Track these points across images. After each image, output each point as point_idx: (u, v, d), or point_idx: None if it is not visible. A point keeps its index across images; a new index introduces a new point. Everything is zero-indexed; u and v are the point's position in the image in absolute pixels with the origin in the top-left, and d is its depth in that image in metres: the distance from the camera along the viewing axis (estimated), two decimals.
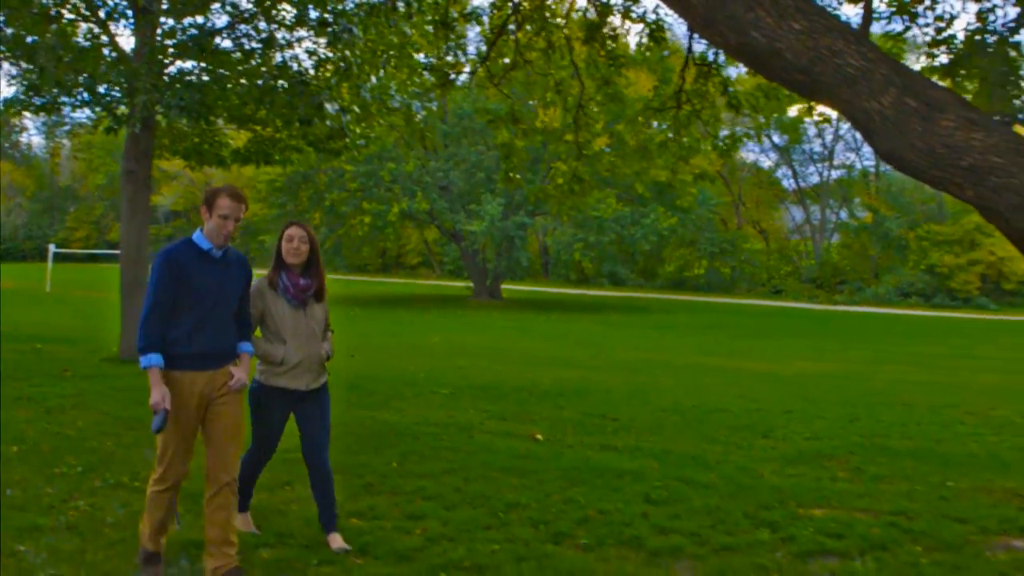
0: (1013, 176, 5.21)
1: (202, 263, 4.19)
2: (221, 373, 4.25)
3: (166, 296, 4.10)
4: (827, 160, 47.79)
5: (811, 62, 5.41)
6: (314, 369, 4.66)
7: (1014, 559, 4.63)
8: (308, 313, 4.64)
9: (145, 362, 4.03)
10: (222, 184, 4.36)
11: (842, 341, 23.47)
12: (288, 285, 4.58)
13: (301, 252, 4.59)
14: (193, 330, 4.14)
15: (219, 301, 4.23)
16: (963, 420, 10.23)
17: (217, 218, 4.16)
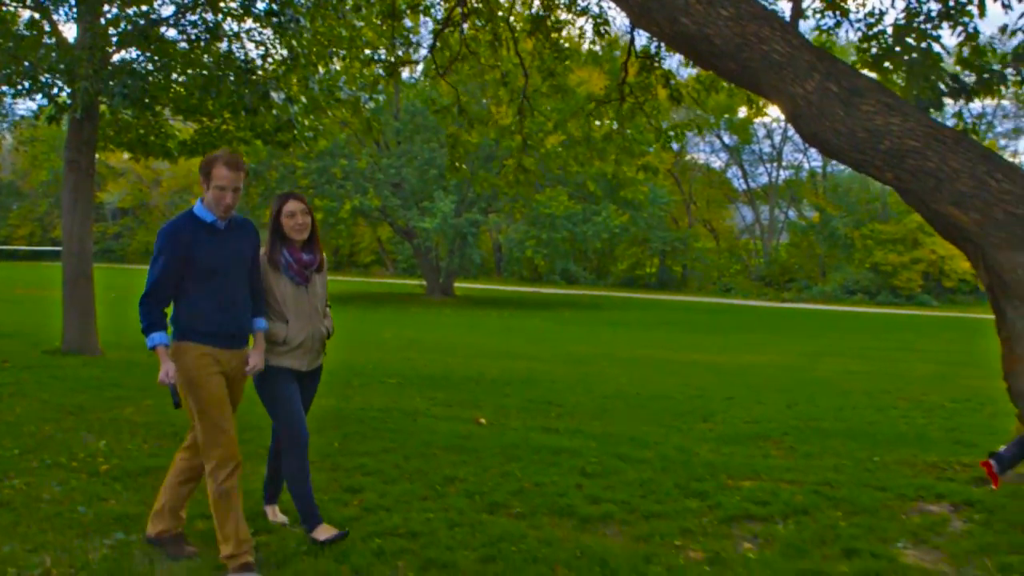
0: (928, 159, 5.45)
1: (208, 237, 3.95)
2: (236, 355, 4.06)
3: (169, 275, 3.88)
4: (776, 161, 48.66)
5: (738, 48, 5.60)
6: (316, 348, 4.47)
7: (926, 520, 4.85)
8: (310, 290, 4.44)
9: (150, 343, 3.84)
10: (217, 152, 4.12)
11: (788, 336, 23.94)
12: (291, 262, 4.35)
13: (304, 227, 4.35)
14: (212, 310, 3.93)
15: (229, 276, 4.00)
16: (896, 405, 10.57)
17: (215, 189, 3.90)
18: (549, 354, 16.73)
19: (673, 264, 45.66)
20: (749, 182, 50.01)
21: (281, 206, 4.38)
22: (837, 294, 40.49)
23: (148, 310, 3.88)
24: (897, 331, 26.28)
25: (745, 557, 4.19)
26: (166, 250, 3.88)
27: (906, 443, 7.62)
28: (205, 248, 3.92)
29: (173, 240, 3.88)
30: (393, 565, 3.97)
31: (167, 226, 3.95)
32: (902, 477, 5.88)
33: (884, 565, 4.09)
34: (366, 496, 5.04)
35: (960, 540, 4.51)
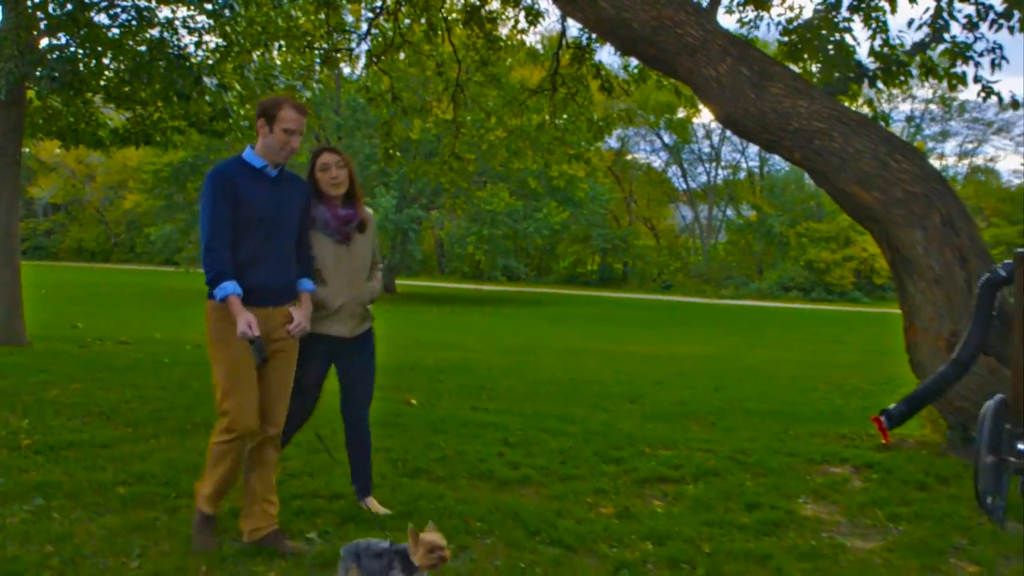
0: (833, 140, 5.74)
1: (257, 183, 3.66)
2: (279, 312, 3.71)
3: (224, 217, 3.57)
4: (715, 160, 49.55)
5: (655, 32, 5.82)
6: (358, 313, 4.16)
7: (828, 480, 5.11)
8: (351, 250, 4.11)
9: (221, 292, 3.52)
10: (280, 95, 3.84)
11: (724, 329, 24.46)
12: (328, 219, 4.03)
13: (341, 180, 4.06)
14: (249, 261, 3.62)
15: (277, 227, 3.70)
16: (817, 388, 10.97)
17: (281, 132, 3.62)
18: (487, 346, 16.87)
19: (614, 262, 46.19)
20: (688, 181, 50.84)
21: (315, 160, 4.12)
22: (773, 291, 41.41)
23: (216, 257, 3.55)
24: (828, 325, 27.01)
25: (653, 511, 4.38)
26: (214, 193, 3.58)
27: (822, 420, 7.94)
28: (253, 195, 3.63)
29: (220, 182, 3.59)
30: (312, 522, 4.06)
31: (213, 169, 3.68)
32: (812, 445, 6.15)
33: (782, 516, 4.32)
34: (290, 464, 5.11)
35: (856, 495, 4.77)
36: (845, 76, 6.67)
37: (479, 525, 4.03)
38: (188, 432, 6.03)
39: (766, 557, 3.64)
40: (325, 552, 3.64)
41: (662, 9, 5.76)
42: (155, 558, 3.56)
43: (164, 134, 13.30)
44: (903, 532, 4.13)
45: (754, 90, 5.72)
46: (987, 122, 53.06)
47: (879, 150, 5.70)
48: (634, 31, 5.87)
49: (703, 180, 50.72)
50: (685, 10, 5.80)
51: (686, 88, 7.23)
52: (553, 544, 3.80)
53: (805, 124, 5.71)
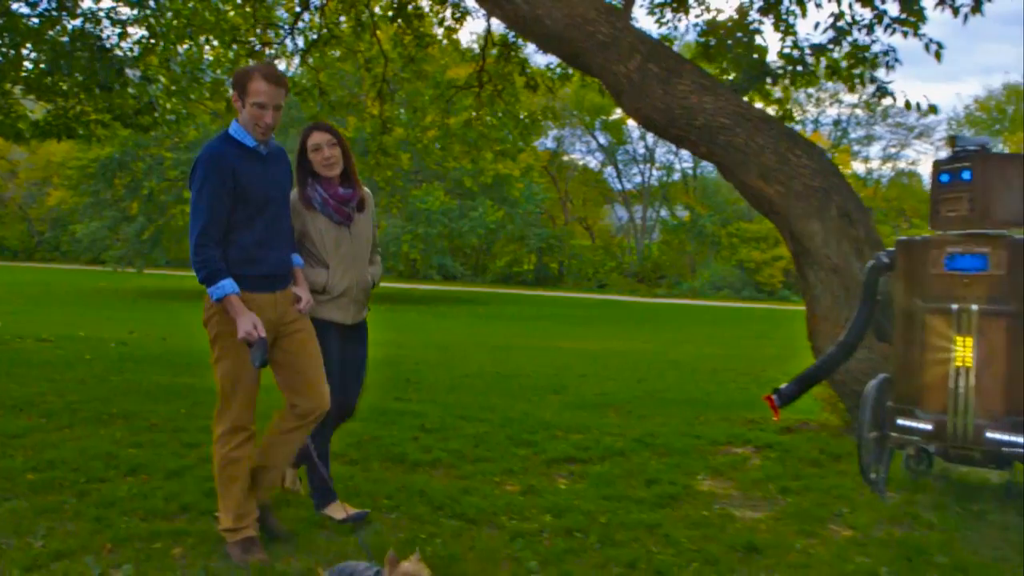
0: (737, 135, 5.98)
1: (254, 164, 3.42)
2: (286, 295, 3.55)
3: (221, 210, 3.31)
4: (649, 162, 50.24)
5: (567, 29, 6.00)
6: (360, 299, 4.01)
7: (729, 459, 5.35)
8: (352, 231, 3.94)
9: (218, 292, 3.29)
10: (254, 64, 3.56)
11: (654, 327, 24.91)
12: (327, 198, 3.85)
13: (334, 160, 3.87)
14: (256, 246, 3.42)
15: (277, 208, 3.51)
16: (736, 380, 11.31)
17: (252, 107, 3.34)
18: (418, 342, 16.93)
19: (550, 261, 46.56)
20: (623, 182, 51.49)
21: (306, 139, 3.90)
22: (705, 290, 42.21)
23: (205, 255, 3.30)
24: (755, 323, 27.68)
25: (556, 488, 4.56)
26: (210, 179, 3.30)
27: (735, 407, 8.22)
28: (252, 177, 3.39)
29: (216, 167, 3.31)
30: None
31: (204, 152, 3.38)
32: (719, 429, 6.41)
33: (679, 490, 4.52)
34: (205, 450, 5.15)
35: (752, 472, 5.01)
36: (750, 75, 6.95)
37: (386, 502, 4.15)
38: (104, 422, 6.01)
39: (656, 526, 3.83)
40: None
41: (574, 7, 5.95)
42: (60, 537, 3.59)
43: (87, 127, 13.07)
44: (789, 503, 4.37)
45: (662, 86, 5.94)
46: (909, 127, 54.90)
47: (780, 145, 5.97)
48: (547, 28, 6.05)
49: (638, 181, 51.45)
50: (596, 8, 5.99)
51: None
52: (456, 518, 3.94)
53: (710, 120, 5.94)
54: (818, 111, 51.20)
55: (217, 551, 3.49)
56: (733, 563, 3.43)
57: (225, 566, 3.33)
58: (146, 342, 13.61)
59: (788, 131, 6.13)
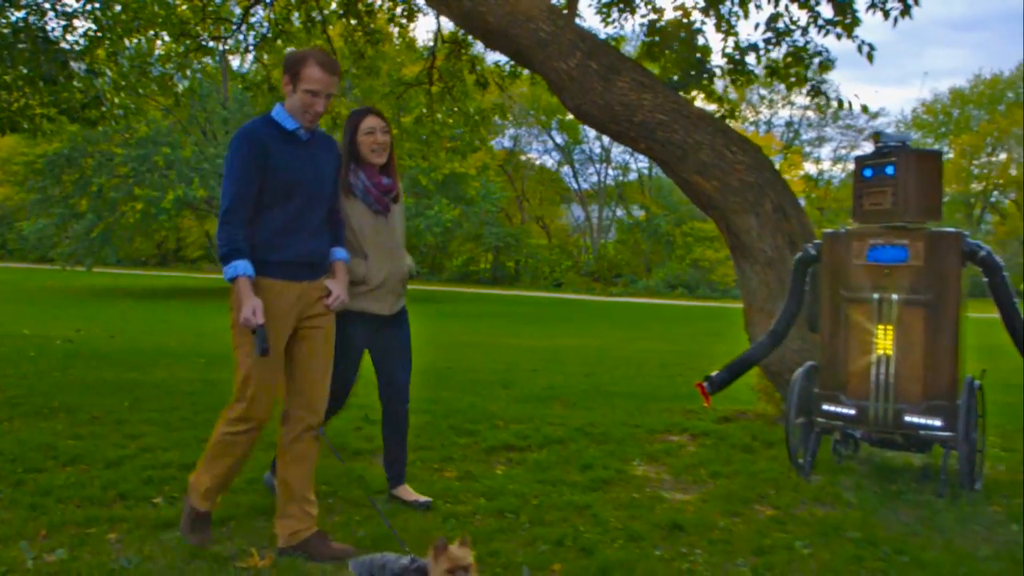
0: (675, 132, 6.13)
1: (290, 147, 3.35)
2: (315, 287, 3.44)
3: (249, 187, 3.26)
4: (605, 161, 50.63)
5: (509, 25, 6.10)
6: (397, 289, 3.94)
7: (665, 446, 5.49)
8: (389, 222, 3.88)
9: (230, 272, 3.23)
10: (308, 48, 3.50)
11: (608, 325, 25.17)
12: (369, 186, 3.78)
13: (385, 147, 3.81)
14: (283, 231, 3.33)
15: (312, 195, 3.41)
16: (683, 374, 11.49)
17: (303, 93, 3.28)
18: None
19: (506, 260, 46.70)
20: (580, 181, 51.82)
21: (358, 122, 3.82)
22: (660, 288, 42.66)
23: (229, 232, 3.24)
24: (708, 320, 28.07)
25: (493, 474, 4.66)
26: (242, 156, 3.27)
27: (678, 399, 8.38)
28: (285, 159, 3.33)
29: (249, 145, 3.28)
30: (160, 489, 4.16)
31: (241, 130, 3.35)
32: (658, 418, 6.56)
33: (613, 475, 4.65)
34: (146, 441, 5.17)
35: (686, 458, 5.16)
36: (687, 73, 7.13)
37: (323, 488, 4.21)
38: (45, 415, 5.98)
39: (586, 507, 3.95)
40: (169, 515, 3.75)
41: (516, 5, 6.05)
42: None
43: (32, 121, 12.89)
44: (718, 485, 4.52)
45: (602, 83, 6.06)
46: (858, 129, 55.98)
47: (716, 141, 6.13)
48: (490, 24, 6.14)
49: (594, 180, 51.82)
50: (538, 6, 6.10)
51: None
52: (391, 501, 4.02)
53: (649, 116, 6.09)
54: (771, 112, 52.05)
55: (153, 536, 3.52)
56: (657, 540, 3.56)
57: (160, 549, 3.37)
58: (93, 340, 13.45)
59: (724, 128, 6.30)
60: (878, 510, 4.05)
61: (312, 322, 3.43)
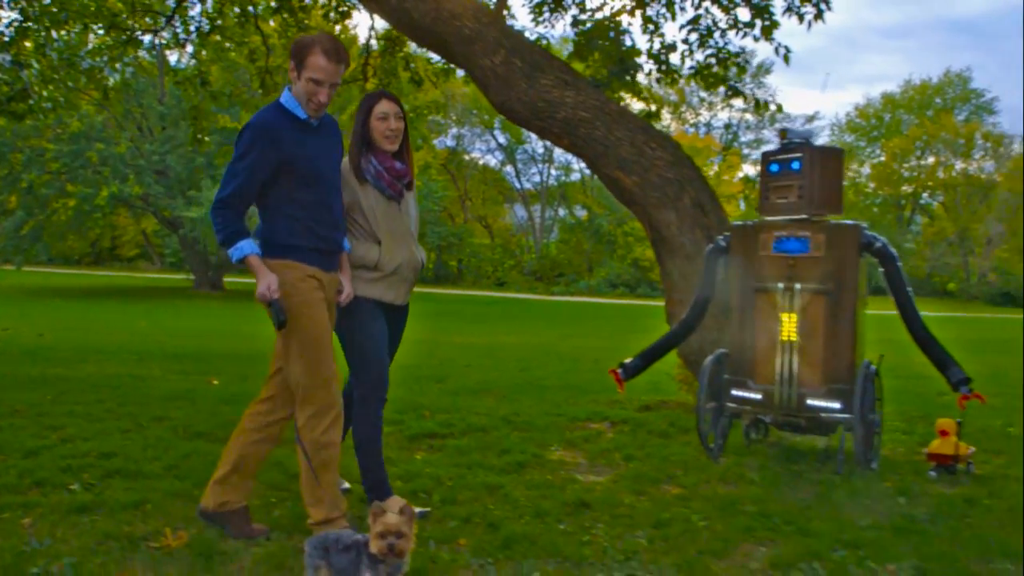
0: (597, 128, 6.31)
1: (304, 136, 3.30)
2: (335, 280, 3.46)
3: (256, 178, 3.21)
4: (548, 161, 50.95)
5: (434, 23, 6.21)
6: (410, 279, 3.83)
7: (585, 433, 5.67)
8: (402, 208, 3.79)
9: (237, 253, 3.20)
10: (317, 34, 3.36)
11: (548, 323, 25.40)
12: (381, 171, 3.68)
13: (398, 133, 3.72)
14: (316, 222, 3.32)
15: (328, 183, 3.38)
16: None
17: (307, 82, 3.23)
18: None
19: (449, 259, 46.75)
20: (523, 181, 52.09)
21: (372, 106, 3.71)
22: (601, 287, 43.13)
23: (226, 218, 3.21)
24: (647, 318, 28.46)
25: (413, 459, 4.77)
26: (256, 147, 3.20)
27: (607, 391, 8.57)
28: (302, 148, 3.28)
29: (265, 136, 3.21)
30: (78, 476, 4.18)
31: (255, 119, 3.27)
32: (583, 408, 6.73)
33: (529, 458, 4.80)
34: (67, 431, 5.16)
35: (603, 443, 5.34)
36: (609, 72, 7.32)
37: None
38: None
39: (499, 487, 4.09)
40: (85, 500, 3.78)
41: (441, 2, 6.17)
42: None
43: None
44: (630, 468, 4.69)
45: (526, 80, 6.21)
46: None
47: (636, 138, 6.33)
48: (416, 21, 6.25)
49: (537, 180, 52.14)
50: (463, 4, 6.23)
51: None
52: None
53: (571, 113, 6.25)
54: (711, 115, 52.96)
55: (67, 520, 3.55)
56: (562, 516, 3.71)
57: (73, 532, 3.40)
58: (21, 338, 13.20)
59: (643, 124, 6.50)
60: (777, 487, 4.26)
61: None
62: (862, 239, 4.85)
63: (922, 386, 8.28)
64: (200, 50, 11.28)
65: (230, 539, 3.36)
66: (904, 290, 4.83)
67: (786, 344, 4.88)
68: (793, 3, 7.25)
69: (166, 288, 35.94)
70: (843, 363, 4.82)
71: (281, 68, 10.53)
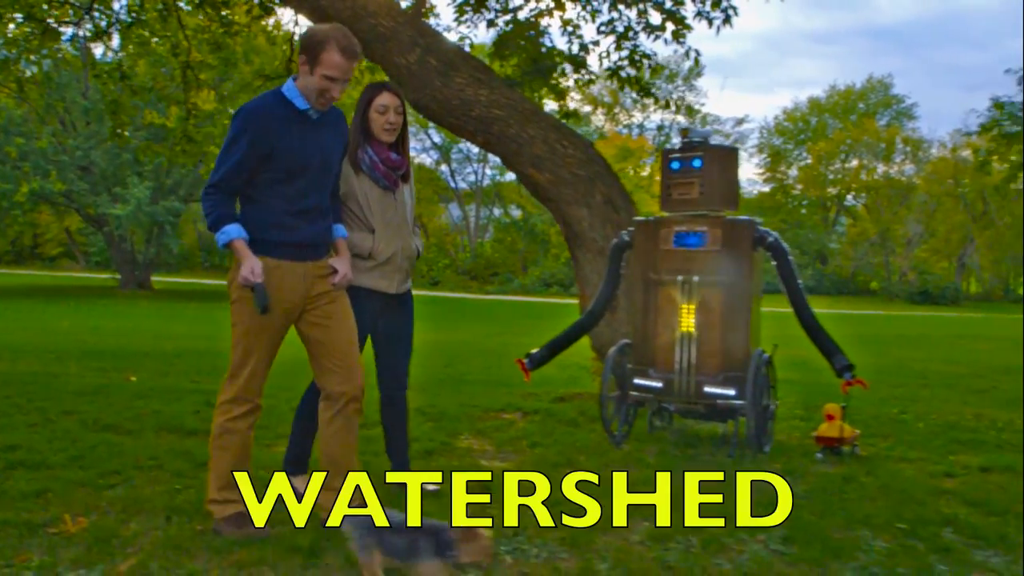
0: (510, 126, 6.46)
1: (298, 127, 3.26)
2: (319, 267, 3.40)
3: (246, 164, 3.19)
4: (483, 161, 51.12)
5: (350, 20, 6.29)
6: (404, 267, 3.88)
7: (496, 423, 5.83)
8: (397, 199, 3.84)
9: (224, 238, 3.20)
10: (331, 28, 3.27)
11: (480, 321, 25.56)
12: (376, 162, 3.74)
13: (396, 127, 3.78)
14: (291, 213, 3.28)
15: (318, 178, 3.34)
16: None
17: (321, 78, 3.19)
18: None
19: None
20: (458, 180, 52.17)
21: (373, 98, 3.74)
22: (535, 286, 43.48)
23: (215, 201, 3.20)
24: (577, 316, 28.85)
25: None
26: (247, 133, 3.17)
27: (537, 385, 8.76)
28: (293, 140, 3.24)
29: (256, 123, 3.18)
30: None
31: (249, 105, 3.24)
32: (498, 400, 6.88)
33: (437, 446, 4.93)
34: None
35: (512, 432, 5.50)
36: (526, 71, 7.49)
37: (150, 462, 4.32)
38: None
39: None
40: None
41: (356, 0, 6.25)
42: None
43: None
44: (534, 454, 4.86)
45: (440, 79, 6.34)
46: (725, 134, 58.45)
47: (549, 136, 6.50)
48: (331, 18, 6.31)
49: (472, 180, 52.29)
50: (378, 2, 6.32)
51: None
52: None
53: (485, 111, 6.40)
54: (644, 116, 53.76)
55: None
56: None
57: None
58: None
59: (556, 123, 6.68)
60: (671, 469, 4.46)
61: (323, 300, 3.40)
62: (755, 234, 5.09)
63: (829, 377, 8.64)
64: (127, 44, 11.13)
65: (131, 524, 3.41)
66: (795, 282, 5.08)
67: (685, 335, 5.10)
68: (703, 9, 7.51)
69: (91, 288, 35.06)
70: (738, 352, 5.05)
71: (204, 63, 10.47)
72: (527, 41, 8.32)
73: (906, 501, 3.90)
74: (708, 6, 7.39)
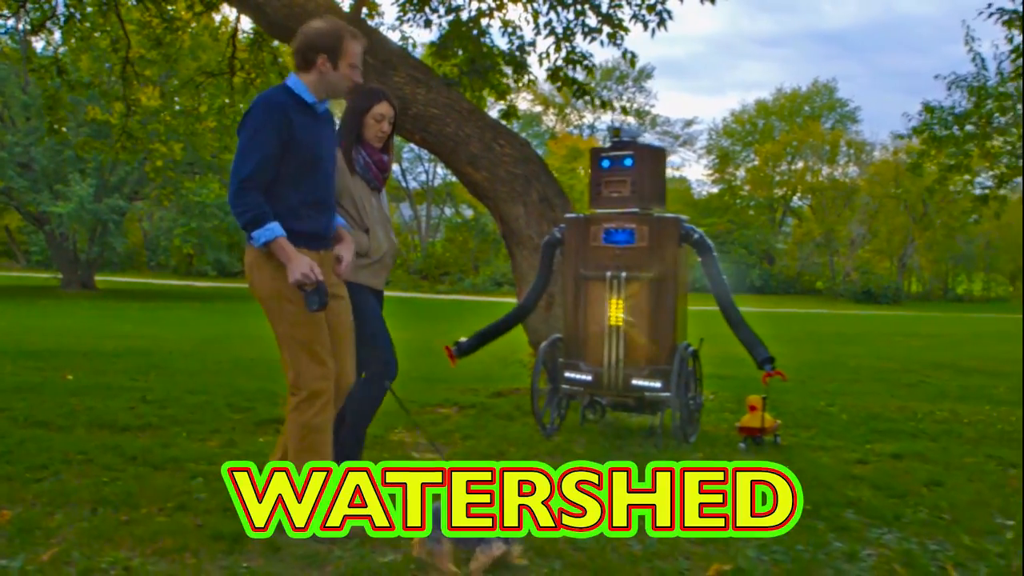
0: (447, 125, 6.55)
1: (310, 120, 3.31)
2: (327, 256, 3.42)
3: (272, 155, 3.17)
4: (434, 160, 51.08)
5: (286, 18, 6.33)
6: (390, 264, 3.99)
7: (432, 417, 5.94)
8: (381, 199, 3.94)
9: (265, 235, 3.12)
10: (333, 22, 3.37)
11: (430, 321, 25.54)
12: (370, 163, 3.82)
13: (386, 137, 3.88)
14: (304, 204, 3.28)
15: (326, 168, 3.41)
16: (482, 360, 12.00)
17: (348, 67, 3.31)
18: (181, 336, 16.52)
19: None
20: (409, 180, 52.04)
21: (371, 106, 3.81)
22: (486, 286, 43.58)
23: (250, 199, 3.13)
24: None
25: (256, 441, 4.91)
26: (268, 125, 3.17)
27: (466, 380, 8.86)
28: (309, 132, 3.28)
29: (277, 114, 3.19)
30: None
31: (262, 98, 3.25)
32: (437, 395, 6.97)
33: (371, 440, 4.98)
34: None
35: (446, 425, 5.60)
36: (464, 71, 7.59)
37: (79, 456, 4.33)
38: None
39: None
40: None
41: None
42: None
43: None
44: (466, 446, 4.96)
45: (378, 78, 6.40)
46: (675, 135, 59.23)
47: (485, 135, 6.61)
48: (269, 17, 6.36)
49: (423, 179, 52.22)
50: (315, 0, 6.37)
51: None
52: (144, 465, 4.19)
53: (422, 110, 6.48)
54: (595, 117, 54.17)
55: None
56: None
57: None
58: None
59: (493, 122, 6.79)
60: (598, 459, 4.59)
61: (332, 291, 3.38)
62: (682, 231, 5.26)
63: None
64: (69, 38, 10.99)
65: (57, 516, 3.44)
66: (719, 278, 5.26)
67: (613, 329, 5.24)
68: (639, 12, 7.67)
69: (31, 287, 34.29)
70: (665, 346, 5.21)
71: (144, 59, 10.38)
72: (468, 41, 8.41)
73: (816, 486, 4.08)
74: (643, 9, 7.55)
